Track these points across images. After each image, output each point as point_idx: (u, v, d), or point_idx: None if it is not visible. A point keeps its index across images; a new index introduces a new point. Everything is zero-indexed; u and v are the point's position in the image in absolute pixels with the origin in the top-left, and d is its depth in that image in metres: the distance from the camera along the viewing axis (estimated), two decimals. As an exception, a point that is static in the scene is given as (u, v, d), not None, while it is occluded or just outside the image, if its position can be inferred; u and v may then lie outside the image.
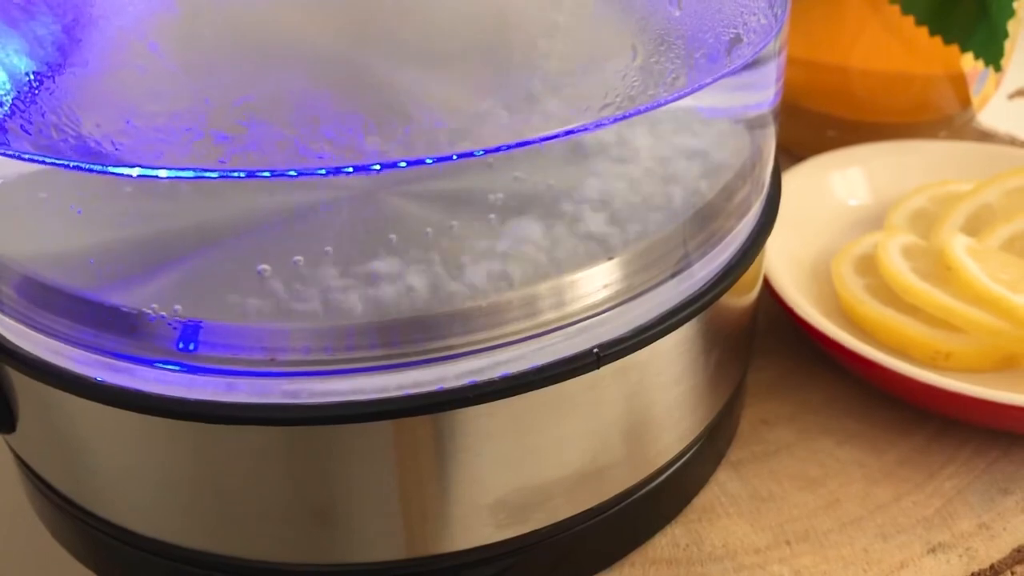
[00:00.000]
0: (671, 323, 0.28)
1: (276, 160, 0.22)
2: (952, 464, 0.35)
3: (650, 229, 0.27)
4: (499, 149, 0.23)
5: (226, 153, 0.22)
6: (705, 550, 0.32)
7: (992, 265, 0.38)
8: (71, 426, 0.28)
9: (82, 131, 0.22)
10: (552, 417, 0.27)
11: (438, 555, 0.28)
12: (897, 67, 0.50)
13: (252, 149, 0.23)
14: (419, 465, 0.26)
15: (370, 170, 0.22)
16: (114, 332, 0.25)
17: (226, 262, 0.26)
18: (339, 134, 0.24)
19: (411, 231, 0.26)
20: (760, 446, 0.36)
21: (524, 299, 0.26)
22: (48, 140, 0.22)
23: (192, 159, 0.22)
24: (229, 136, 0.23)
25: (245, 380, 0.25)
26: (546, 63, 0.26)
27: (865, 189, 0.47)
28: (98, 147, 0.22)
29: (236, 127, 0.23)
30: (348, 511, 0.27)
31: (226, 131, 0.23)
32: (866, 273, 0.40)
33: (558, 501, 0.29)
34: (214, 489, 0.27)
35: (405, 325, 0.25)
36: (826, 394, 0.38)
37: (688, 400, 0.31)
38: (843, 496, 0.34)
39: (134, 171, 0.22)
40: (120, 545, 0.29)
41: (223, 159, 0.22)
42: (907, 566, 0.31)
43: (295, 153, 0.23)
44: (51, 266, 0.26)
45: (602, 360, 0.26)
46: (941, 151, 0.48)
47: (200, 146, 0.22)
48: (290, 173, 0.22)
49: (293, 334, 0.25)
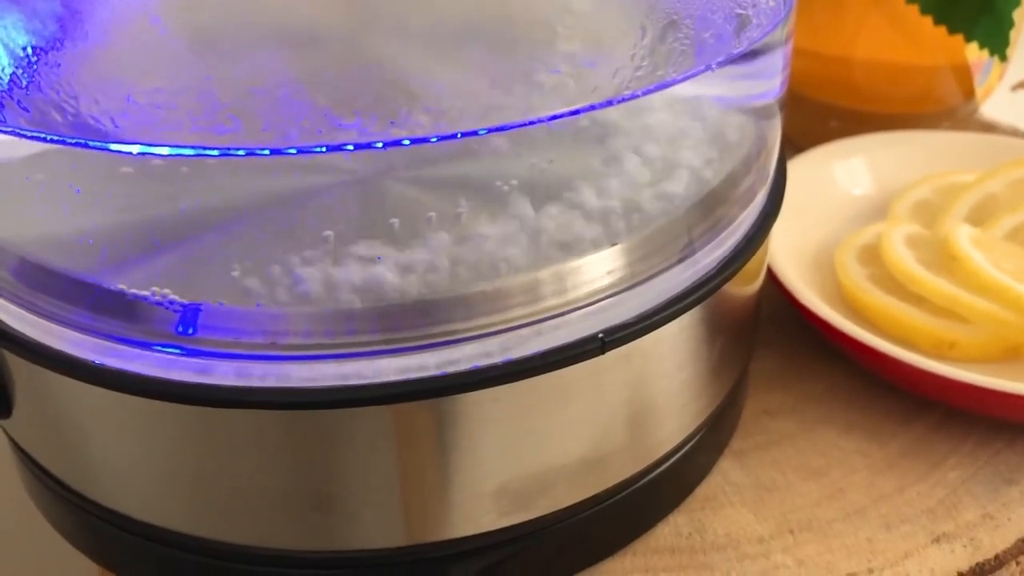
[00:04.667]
0: (676, 309, 0.28)
1: (278, 140, 0.22)
2: (956, 454, 0.35)
3: (655, 215, 0.27)
4: (504, 128, 0.23)
5: (227, 132, 0.22)
6: (708, 539, 0.32)
7: (996, 255, 0.38)
8: (68, 410, 0.27)
9: (81, 108, 0.22)
10: (555, 403, 0.27)
11: (439, 542, 0.28)
12: (901, 58, 0.50)
13: (253, 128, 0.22)
14: (420, 450, 0.26)
15: (372, 147, 0.22)
16: (113, 315, 0.25)
17: (227, 246, 0.25)
18: (342, 115, 0.23)
19: (414, 216, 0.26)
20: (763, 436, 0.36)
21: (527, 284, 0.25)
22: (46, 117, 0.22)
23: (193, 138, 0.22)
24: (231, 114, 0.22)
25: (245, 364, 0.25)
26: (553, 43, 0.26)
27: (869, 179, 0.47)
28: (97, 124, 0.22)
29: (238, 106, 0.23)
30: (347, 497, 0.26)
31: (228, 110, 0.23)
32: (869, 263, 0.40)
33: (561, 488, 0.28)
34: (212, 474, 0.26)
35: (407, 310, 0.24)
36: (829, 384, 0.38)
37: (691, 388, 0.31)
38: (846, 486, 0.34)
39: (134, 148, 0.21)
40: (116, 531, 0.29)
41: (224, 136, 0.22)
42: (911, 556, 0.31)
43: (297, 132, 0.22)
44: (49, 249, 0.26)
45: (607, 346, 0.26)
46: (945, 142, 0.48)
47: (201, 124, 0.22)
48: (290, 151, 0.21)
49: (294, 318, 0.24)
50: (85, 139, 0.21)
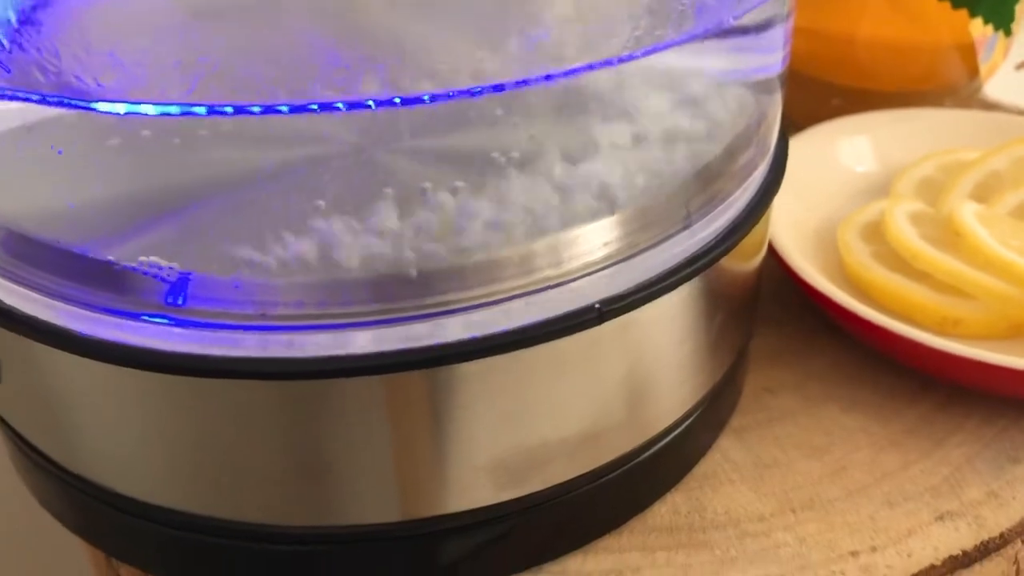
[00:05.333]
0: (674, 280, 0.27)
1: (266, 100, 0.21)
2: (960, 432, 0.34)
3: (653, 186, 0.27)
4: (499, 87, 0.22)
5: (214, 91, 0.21)
6: (707, 517, 0.32)
7: (1001, 231, 0.37)
8: (56, 383, 0.27)
9: (64, 66, 0.21)
10: (551, 376, 0.26)
11: (433, 517, 0.27)
12: (903, 36, 0.49)
13: (240, 88, 0.22)
14: (413, 423, 0.25)
15: (364, 106, 0.21)
16: (101, 286, 0.25)
17: (218, 216, 0.25)
18: (333, 75, 0.23)
19: (407, 186, 0.25)
20: (764, 413, 0.35)
21: (523, 255, 0.25)
22: (28, 77, 0.21)
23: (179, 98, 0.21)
24: (218, 73, 0.22)
25: (235, 334, 0.24)
26: (550, 4, 0.25)
27: (871, 156, 0.46)
28: (80, 83, 0.21)
29: (226, 65, 0.22)
30: (340, 471, 0.26)
31: (217, 73, 0.22)
32: (872, 240, 0.40)
33: (556, 464, 0.28)
34: (202, 448, 0.26)
35: (400, 280, 0.24)
36: (831, 362, 0.38)
37: (690, 363, 0.30)
38: (849, 464, 0.33)
39: (120, 108, 0.21)
40: (106, 508, 0.29)
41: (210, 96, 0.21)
42: (915, 534, 0.31)
43: (287, 92, 0.22)
44: (37, 220, 0.26)
45: (604, 316, 0.26)
46: (949, 119, 0.47)
47: (189, 85, 0.22)
48: (281, 108, 0.21)
49: (284, 288, 0.24)
50: (68, 97, 0.21)
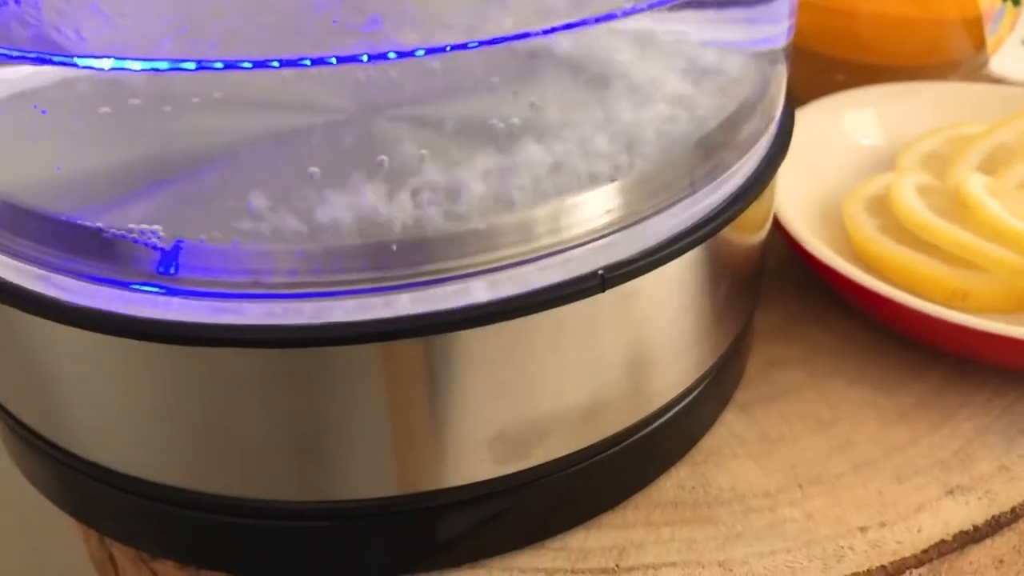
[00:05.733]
0: (678, 247, 0.27)
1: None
2: (969, 406, 0.34)
3: (655, 153, 0.26)
4: (495, 41, 0.21)
5: (202, 45, 0.20)
6: (712, 493, 0.31)
7: (1010, 203, 0.37)
8: (45, 355, 0.26)
9: (43, 18, 0.20)
10: (552, 344, 0.25)
11: (431, 491, 0.26)
12: (908, 9, 0.49)
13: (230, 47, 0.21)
14: (410, 393, 0.25)
15: (357, 60, 0.20)
16: (91, 255, 0.24)
17: (210, 184, 0.25)
18: (325, 35, 0.22)
19: (403, 153, 0.25)
20: (769, 387, 0.35)
21: (523, 222, 0.24)
22: (7, 31, 0.21)
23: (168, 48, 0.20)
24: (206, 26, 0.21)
25: (228, 303, 0.24)
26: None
27: (877, 130, 0.45)
28: (60, 35, 0.20)
29: (214, 24, 0.21)
30: (336, 443, 0.25)
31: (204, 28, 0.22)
32: (878, 214, 0.39)
33: (557, 437, 0.27)
34: (195, 421, 0.25)
35: (397, 247, 0.23)
36: (836, 335, 0.37)
37: (693, 335, 0.29)
38: (856, 438, 0.33)
39: (106, 63, 0.20)
40: (95, 484, 0.28)
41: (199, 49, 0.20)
42: (924, 509, 0.30)
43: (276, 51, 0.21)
44: (24, 188, 0.25)
45: (607, 282, 0.25)
46: (955, 92, 0.46)
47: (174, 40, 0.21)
48: (273, 64, 0.20)
49: (277, 255, 0.23)
50: (50, 53, 0.20)
